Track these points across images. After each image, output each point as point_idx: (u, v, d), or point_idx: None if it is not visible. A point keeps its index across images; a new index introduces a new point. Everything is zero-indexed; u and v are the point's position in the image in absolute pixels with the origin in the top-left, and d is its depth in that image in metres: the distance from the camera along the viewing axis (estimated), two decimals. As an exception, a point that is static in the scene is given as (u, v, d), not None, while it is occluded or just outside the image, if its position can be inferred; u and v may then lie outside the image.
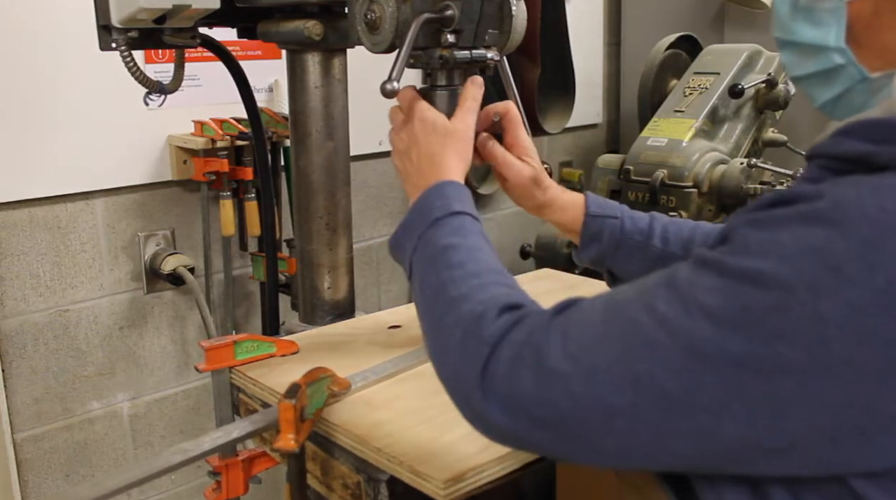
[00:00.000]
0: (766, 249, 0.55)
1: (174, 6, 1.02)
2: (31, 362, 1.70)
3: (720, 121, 2.11)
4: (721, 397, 0.55)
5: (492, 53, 0.96)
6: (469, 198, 0.84)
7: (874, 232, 0.53)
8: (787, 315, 0.53)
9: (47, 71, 1.62)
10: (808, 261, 0.53)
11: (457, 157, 0.87)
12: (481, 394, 0.64)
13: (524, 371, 0.62)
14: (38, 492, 1.74)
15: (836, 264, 0.53)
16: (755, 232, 0.57)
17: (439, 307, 0.72)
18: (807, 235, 0.54)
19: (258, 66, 1.90)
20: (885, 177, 0.57)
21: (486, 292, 0.71)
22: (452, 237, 0.77)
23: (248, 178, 1.79)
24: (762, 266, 0.55)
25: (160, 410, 1.92)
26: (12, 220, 1.64)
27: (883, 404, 0.53)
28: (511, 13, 0.95)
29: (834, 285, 0.52)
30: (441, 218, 0.79)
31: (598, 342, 0.60)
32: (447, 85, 0.95)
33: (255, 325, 2.01)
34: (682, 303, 0.57)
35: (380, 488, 0.86)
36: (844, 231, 0.53)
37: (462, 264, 0.74)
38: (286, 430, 0.86)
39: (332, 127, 1.23)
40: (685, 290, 0.58)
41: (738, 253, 0.57)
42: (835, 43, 0.65)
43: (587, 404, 0.59)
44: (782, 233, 0.55)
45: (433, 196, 0.82)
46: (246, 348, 1.11)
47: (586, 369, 0.60)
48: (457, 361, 0.67)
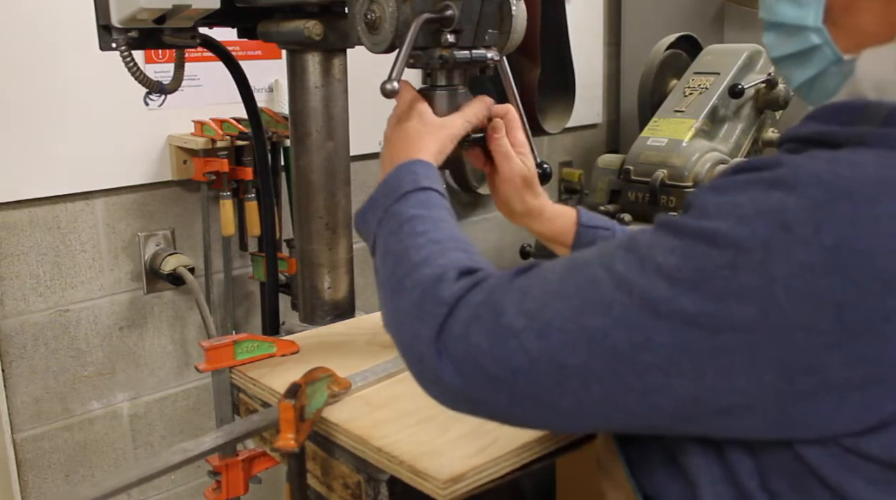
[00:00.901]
0: (723, 210, 0.56)
1: (174, 6, 1.02)
2: (31, 362, 1.70)
3: (720, 121, 2.11)
4: (671, 355, 0.56)
5: (492, 53, 0.96)
6: (438, 177, 0.84)
7: (825, 194, 0.54)
8: (739, 273, 0.54)
9: (47, 71, 1.62)
10: (762, 221, 0.54)
11: (434, 142, 0.88)
12: (435, 353, 0.65)
13: (480, 329, 0.63)
14: (38, 492, 1.74)
15: (787, 224, 0.53)
16: (714, 196, 0.58)
17: (399, 272, 0.73)
18: (763, 198, 0.55)
19: (258, 66, 1.90)
20: (840, 152, 0.58)
21: (447, 256, 0.71)
22: (418, 209, 0.78)
23: (248, 178, 1.79)
24: (718, 226, 0.56)
25: (160, 410, 1.92)
26: (12, 220, 1.64)
27: (830, 367, 0.54)
28: (511, 13, 0.95)
29: (784, 243, 0.53)
30: (409, 192, 0.80)
31: (554, 299, 0.61)
32: (447, 85, 0.95)
33: (255, 325, 2.01)
34: (639, 263, 0.58)
35: (380, 488, 0.86)
36: (798, 193, 0.54)
37: (425, 233, 0.75)
38: (286, 430, 0.86)
39: (332, 127, 1.23)
40: (644, 251, 0.59)
41: (697, 215, 0.58)
42: (813, 23, 0.67)
43: (540, 361, 0.60)
44: (740, 196, 0.56)
45: (402, 172, 0.83)
46: (246, 348, 1.11)
47: (541, 325, 0.60)
48: (413, 322, 0.68)
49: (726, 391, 0.56)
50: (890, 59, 0.62)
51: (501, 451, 0.83)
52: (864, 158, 0.56)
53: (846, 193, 0.54)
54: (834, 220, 0.53)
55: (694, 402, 0.57)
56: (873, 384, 0.54)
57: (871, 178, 0.55)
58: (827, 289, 0.52)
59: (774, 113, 2.20)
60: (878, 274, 0.52)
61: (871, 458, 0.56)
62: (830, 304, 0.53)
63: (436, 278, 0.68)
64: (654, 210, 1.93)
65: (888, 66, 0.61)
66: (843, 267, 0.52)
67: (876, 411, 0.55)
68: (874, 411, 0.55)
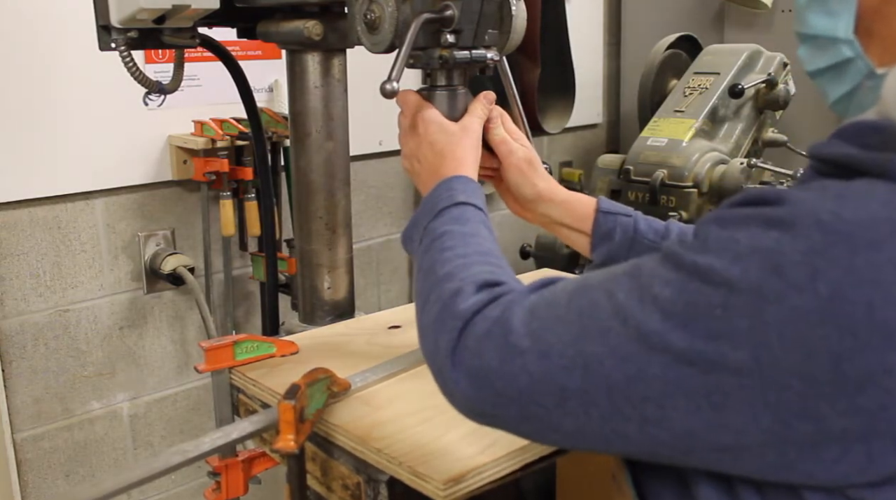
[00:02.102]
0: (721, 246, 0.55)
1: (174, 6, 1.02)
2: (31, 362, 1.70)
3: (720, 121, 2.11)
4: (664, 389, 0.55)
5: (492, 53, 0.96)
6: (477, 190, 0.85)
7: (824, 237, 0.51)
8: (731, 314, 0.52)
9: (47, 71, 1.62)
10: (756, 262, 0.53)
11: (466, 152, 0.89)
12: (451, 366, 0.66)
13: (491, 345, 0.63)
14: (38, 492, 1.74)
15: (781, 267, 0.51)
16: (717, 229, 0.57)
17: (426, 287, 0.74)
18: (761, 236, 0.53)
19: (258, 66, 1.90)
20: (855, 183, 0.56)
21: (469, 270, 0.72)
22: (450, 225, 0.79)
23: (248, 178, 1.79)
24: (713, 263, 0.54)
25: (160, 410, 1.92)
26: (12, 220, 1.64)
27: (829, 416, 0.52)
28: (511, 13, 0.95)
29: (777, 288, 0.51)
30: (445, 208, 0.81)
31: (558, 322, 0.61)
32: (447, 85, 0.95)
33: (255, 325, 2.01)
34: (639, 292, 0.58)
35: (380, 488, 0.86)
36: (795, 235, 0.52)
37: (452, 248, 0.75)
38: (286, 431, 0.86)
39: (332, 127, 1.23)
40: (645, 280, 0.58)
41: (697, 248, 0.57)
42: (844, 34, 0.64)
43: (543, 384, 0.60)
44: (740, 232, 0.55)
45: (441, 189, 0.84)
46: (246, 349, 1.10)
47: (544, 348, 0.61)
48: (434, 335, 0.69)
49: (723, 429, 0.55)
50: None
51: (501, 452, 0.83)
52: (876, 195, 0.53)
53: (845, 238, 0.51)
54: (831, 266, 0.51)
55: (691, 436, 0.56)
56: (877, 438, 0.52)
57: (875, 220, 0.52)
58: (823, 339, 0.50)
59: (774, 113, 2.20)
60: (878, 326, 0.50)
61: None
62: (827, 354, 0.50)
63: (454, 292, 0.69)
64: (654, 210, 1.93)
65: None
66: (840, 317, 0.50)
67: (880, 465, 0.53)
68: (879, 464, 0.53)
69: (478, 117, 0.93)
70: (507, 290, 0.68)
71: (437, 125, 0.90)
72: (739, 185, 1.91)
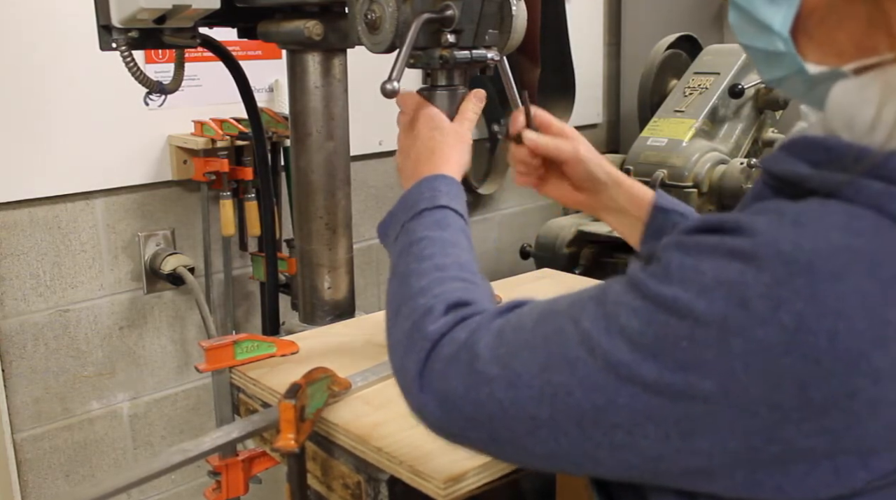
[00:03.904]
0: (686, 277, 0.55)
1: (174, 6, 1.02)
2: (31, 362, 1.70)
3: (720, 121, 2.11)
4: (634, 417, 0.55)
5: (492, 53, 0.96)
6: (460, 194, 0.84)
7: (785, 268, 0.51)
8: (698, 346, 0.52)
9: (47, 71, 1.62)
10: (721, 294, 0.52)
11: (455, 154, 0.88)
12: (419, 388, 0.65)
13: (457, 371, 0.63)
14: (38, 492, 1.74)
15: (745, 300, 0.51)
16: (680, 256, 0.56)
17: (399, 297, 0.73)
18: (725, 268, 0.53)
19: (258, 66, 1.90)
20: (809, 205, 0.55)
21: (443, 285, 0.71)
22: (430, 230, 0.77)
23: (248, 178, 1.80)
24: (679, 295, 0.54)
25: (160, 410, 1.92)
26: (12, 220, 1.64)
27: (796, 438, 0.52)
28: (511, 13, 0.95)
29: (742, 320, 0.51)
30: (426, 209, 0.79)
31: (525, 349, 0.61)
32: (447, 85, 0.95)
33: (255, 325, 2.01)
34: (605, 321, 0.57)
35: (380, 488, 0.86)
36: (758, 267, 0.52)
37: (431, 257, 0.74)
38: (286, 430, 0.86)
39: (332, 127, 1.23)
40: (611, 308, 0.58)
41: (661, 277, 0.56)
42: (779, 28, 0.62)
43: (512, 412, 0.60)
44: (704, 262, 0.54)
45: (424, 187, 0.82)
46: (246, 348, 1.10)
47: (511, 376, 0.60)
48: (402, 353, 0.69)
49: (692, 454, 0.55)
50: (860, 95, 0.58)
51: (501, 451, 0.83)
52: (832, 220, 0.54)
53: (807, 268, 0.51)
54: (793, 298, 0.51)
55: (661, 460, 0.56)
56: (843, 454, 0.53)
57: (834, 249, 0.52)
58: (788, 368, 0.51)
59: (774, 113, 2.20)
60: (841, 355, 0.50)
61: None
62: (792, 382, 0.51)
63: (425, 311, 0.68)
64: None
65: (858, 105, 0.57)
66: (804, 347, 0.50)
67: (847, 479, 0.53)
68: (845, 479, 0.53)
69: (468, 120, 0.92)
70: (475, 311, 0.68)
71: (432, 124, 0.90)
72: (739, 185, 1.91)
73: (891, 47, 0.57)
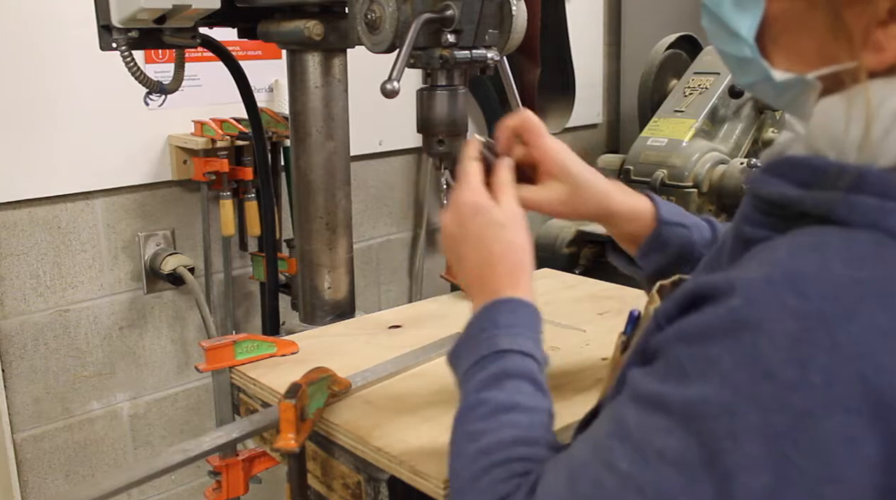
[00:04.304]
0: (702, 371, 0.52)
1: (174, 6, 1.02)
2: (31, 362, 1.70)
3: (720, 121, 2.11)
4: None
5: (492, 53, 0.96)
6: (526, 322, 0.74)
7: (798, 325, 0.49)
8: (741, 440, 0.49)
9: (48, 71, 1.62)
10: (744, 375, 0.50)
11: (529, 272, 0.78)
12: None
13: None
14: (38, 492, 1.74)
15: (769, 372, 0.49)
16: (686, 348, 0.53)
17: (452, 484, 0.71)
18: (736, 347, 0.51)
19: (258, 66, 1.90)
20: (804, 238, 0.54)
21: (482, 480, 0.67)
22: (486, 390, 0.71)
23: (248, 178, 1.80)
24: (705, 393, 0.51)
25: (160, 410, 1.92)
26: (12, 220, 1.64)
27: None
28: (511, 13, 0.95)
29: (773, 394, 0.49)
30: (485, 357, 0.72)
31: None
32: (447, 85, 0.95)
33: (255, 325, 2.01)
34: (640, 454, 0.53)
35: (380, 487, 0.86)
36: (770, 332, 0.49)
37: (480, 435, 0.69)
38: (286, 430, 0.86)
39: (332, 127, 1.23)
40: (638, 437, 0.54)
41: (676, 379, 0.53)
42: (745, 34, 0.61)
43: None
44: (713, 347, 0.52)
45: (484, 320, 0.75)
46: (246, 348, 1.10)
47: None
48: None
49: None
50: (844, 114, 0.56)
51: (501, 451, 0.83)
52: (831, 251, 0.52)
53: (820, 317, 0.49)
54: (816, 353, 0.48)
55: None
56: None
57: (841, 285, 0.50)
58: (835, 430, 0.48)
59: (774, 113, 2.20)
60: (880, 397, 0.48)
61: None
62: (845, 444, 0.48)
63: None
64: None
65: (843, 124, 0.56)
66: (842, 402, 0.48)
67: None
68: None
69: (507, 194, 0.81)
70: None
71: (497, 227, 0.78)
72: (739, 185, 1.91)
73: (851, 56, 0.56)
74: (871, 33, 0.55)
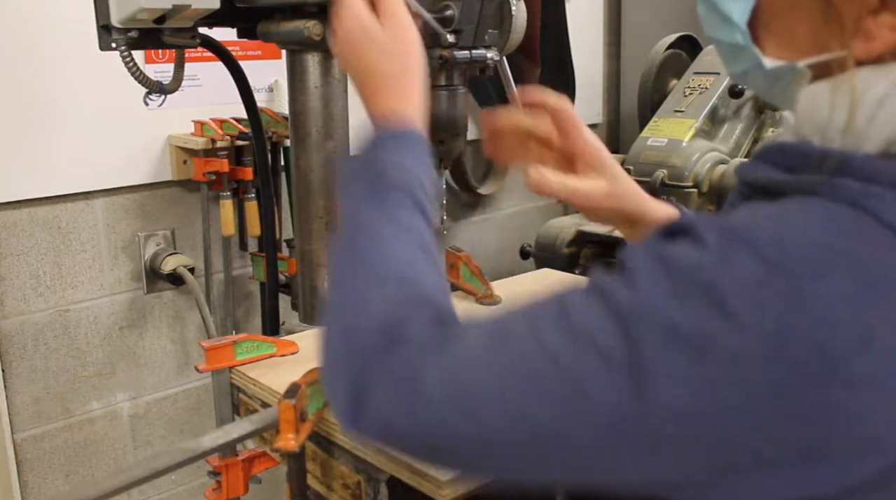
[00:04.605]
0: (656, 278, 0.52)
1: (174, 6, 1.02)
2: (31, 362, 1.70)
3: (720, 121, 2.11)
4: (602, 435, 0.52)
5: (492, 53, 0.96)
6: (416, 148, 0.75)
7: (764, 269, 0.49)
8: (672, 355, 0.50)
9: (47, 71, 1.62)
10: (696, 299, 0.50)
11: (418, 87, 0.77)
12: (351, 414, 0.61)
13: (399, 396, 0.58)
14: (38, 492, 1.74)
15: (723, 304, 0.49)
16: (649, 261, 0.53)
17: (337, 293, 0.69)
18: (699, 271, 0.51)
19: (258, 66, 1.90)
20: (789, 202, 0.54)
21: (383, 297, 0.64)
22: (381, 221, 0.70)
23: (248, 178, 1.79)
24: (655, 301, 0.51)
25: (160, 410, 1.92)
26: (12, 220, 1.64)
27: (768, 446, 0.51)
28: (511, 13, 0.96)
29: (719, 325, 0.49)
30: (382, 187, 0.71)
31: (482, 375, 0.56)
32: (447, 85, 0.95)
33: (255, 325, 2.01)
34: (572, 334, 0.53)
35: (380, 487, 0.86)
36: (735, 266, 0.50)
37: (369, 259, 0.67)
38: (286, 430, 0.86)
39: (332, 127, 1.23)
40: (576, 319, 0.54)
41: (629, 283, 0.53)
42: (738, 19, 0.61)
43: (462, 441, 0.56)
44: (676, 269, 0.52)
45: (381, 149, 0.75)
46: (246, 348, 1.10)
47: (466, 406, 0.56)
48: (336, 360, 0.66)
49: (659, 465, 0.53)
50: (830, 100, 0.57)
51: (501, 451, 0.83)
52: (813, 217, 0.52)
53: (788, 268, 0.49)
54: (775, 300, 0.48)
55: (626, 474, 0.54)
56: (813, 463, 0.51)
57: (815, 248, 0.50)
58: (766, 377, 0.48)
59: (774, 113, 2.19)
60: (823, 362, 0.48)
61: None
62: (769, 391, 0.49)
63: (361, 327, 0.63)
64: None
65: (828, 110, 0.56)
66: (786, 355, 0.48)
67: (817, 489, 0.52)
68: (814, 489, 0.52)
69: None
70: (415, 332, 0.61)
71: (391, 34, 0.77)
72: (739, 185, 1.91)
73: (841, 44, 0.56)
74: (862, 21, 0.56)
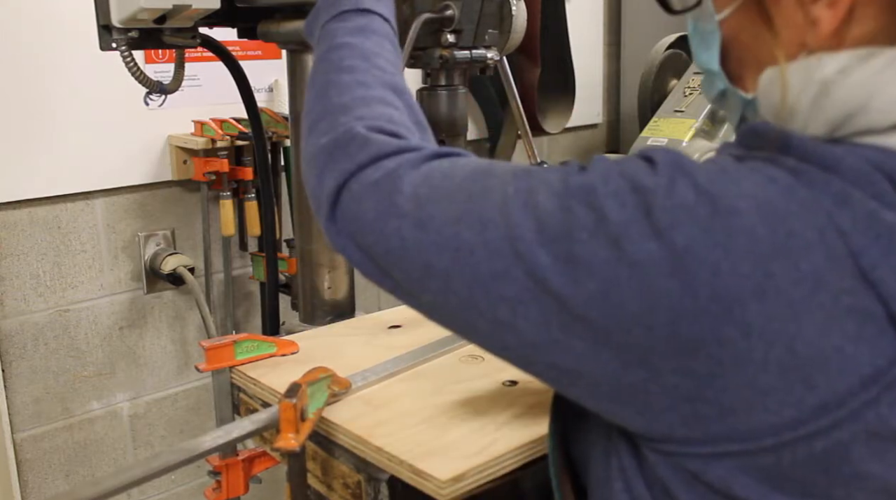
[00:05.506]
0: (608, 177, 0.54)
1: (174, 6, 1.02)
2: (31, 362, 1.70)
3: (720, 121, 2.11)
4: (520, 296, 0.55)
5: (492, 53, 0.96)
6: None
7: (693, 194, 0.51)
8: (594, 243, 0.52)
9: (48, 71, 1.62)
10: (632, 200, 0.52)
11: None
12: (331, 203, 0.66)
13: (375, 197, 0.63)
14: (38, 492, 1.74)
15: (649, 209, 0.51)
16: (606, 162, 0.57)
17: (318, 110, 0.71)
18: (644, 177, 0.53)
19: (258, 66, 1.90)
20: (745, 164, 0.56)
21: (369, 108, 0.69)
22: (351, 36, 0.74)
23: (248, 178, 1.80)
24: (598, 189, 0.54)
25: (160, 410, 1.92)
26: (12, 220, 1.64)
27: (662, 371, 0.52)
28: (511, 13, 0.96)
29: (641, 229, 0.51)
30: (347, 11, 0.75)
31: (446, 198, 0.60)
32: (447, 85, 0.95)
33: (255, 325, 2.01)
34: (526, 195, 0.56)
35: (380, 487, 0.86)
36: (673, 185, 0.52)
37: (352, 69, 0.71)
38: (286, 430, 0.86)
39: (332, 127, 1.23)
40: (534, 184, 0.57)
41: (586, 172, 0.56)
42: (716, 68, 0.65)
43: (411, 253, 0.60)
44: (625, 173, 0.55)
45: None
46: (246, 348, 1.10)
47: (423, 217, 0.60)
48: (321, 167, 0.68)
49: (566, 350, 0.55)
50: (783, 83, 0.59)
51: (502, 451, 0.83)
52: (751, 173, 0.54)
53: (712, 201, 0.51)
54: (691, 222, 0.51)
55: (535, 348, 0.56)
56: (702, 403, 0.52)
57: (743, 193, 0.52)
58: (665, 292, 0.50)
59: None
60: (719, 293, 0.50)
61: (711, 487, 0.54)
62: (666, 310, 0.51)
63: (350, 134, 0.67)
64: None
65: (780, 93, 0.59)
66: (686, 275, 0.50)
67: (705, 428, 0.53)
68: (703, 427, 0.53)
69: None
70: (408, 146, 0.66)
71: None
72: (739, 185, 1.91)
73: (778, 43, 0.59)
74: (808, 13, 0.57)
